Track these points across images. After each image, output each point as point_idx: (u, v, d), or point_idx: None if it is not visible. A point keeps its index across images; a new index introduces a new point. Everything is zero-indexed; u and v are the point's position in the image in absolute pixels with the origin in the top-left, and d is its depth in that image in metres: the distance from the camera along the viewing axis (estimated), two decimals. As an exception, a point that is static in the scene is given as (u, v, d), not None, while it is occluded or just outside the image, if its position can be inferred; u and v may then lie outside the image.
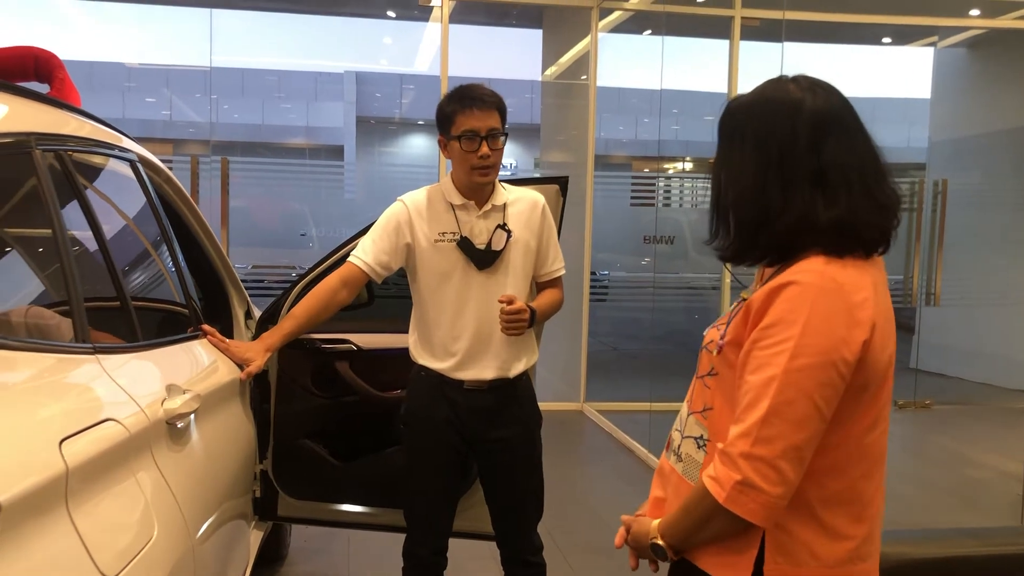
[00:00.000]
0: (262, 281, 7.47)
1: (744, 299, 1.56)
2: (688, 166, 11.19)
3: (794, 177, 1.48)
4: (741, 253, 1.58)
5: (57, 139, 1.91)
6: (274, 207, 8.02)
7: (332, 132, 18.20)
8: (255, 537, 3.02)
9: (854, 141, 1.52)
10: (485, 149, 2.58)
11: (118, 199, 2.46)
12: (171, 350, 2.29)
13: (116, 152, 2.31)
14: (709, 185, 1.65)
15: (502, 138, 2.62)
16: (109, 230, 2.11)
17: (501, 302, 2.56)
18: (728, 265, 1.65)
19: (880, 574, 1.58)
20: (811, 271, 1.44)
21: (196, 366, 2.41)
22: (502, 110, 2.63)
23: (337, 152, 17.75)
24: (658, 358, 7.60)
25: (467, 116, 2.56)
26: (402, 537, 2.96)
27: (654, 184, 9.17)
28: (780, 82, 1.56)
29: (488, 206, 2.69)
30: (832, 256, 1.46)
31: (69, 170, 1.89)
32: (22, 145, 1.72)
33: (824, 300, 1.42)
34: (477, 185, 2.65)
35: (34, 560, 1.22)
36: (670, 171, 10.54)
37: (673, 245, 7.73)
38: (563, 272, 2.84)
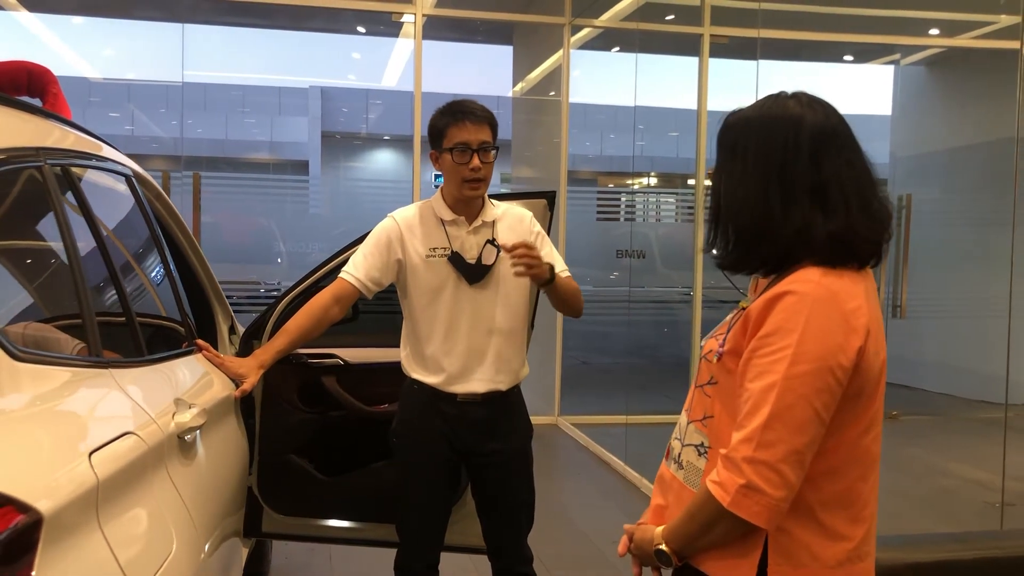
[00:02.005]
0: (231, 297, 7.40)
1: (743, 308, 1.61)
2: (653, 181, 11.30)
3: (795, 190, 1.53)
4: (739, 262, 1.63)
5: (61, 153, 1.91)
6: (240, 222, 7.97)
7: (296, 147, 18.08)
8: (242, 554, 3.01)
9: (852, 156, 1.58)
10: (476, 162, 2.61)
11: (114, 213, 2.46)
12: (171, 365, 2.29)
13: (113, 167, 2.32)
14: (675, 200, 1.71)
15: (493, 152, 2.66)
16: (108, 245, 2.10)
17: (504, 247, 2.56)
18: (725, 272, 1.69)
19: (873, 578, 1.62)
20: (807, 281, 1.49)
21: (196, 381, 2.41)
22: (493, 125, 2.67)
23: (302, 167, 17.64)
24: (629, 371, 7.66)
25: (459, 129, 2.60)
26: (385, 552, 2.96)
27: (619, 199, 9.25)
28: (780, 98, 1.62)
29: (478, 222, 2.72)
30: (827, 267, 1.52)
31: (75, 185, 1.90)
32: (32, 159, 1.73)
33: (820, 308, 1.47)
34: (468, 199, 2.68)
35: (73, 570, 1.23)
36: (635, 186, 10.64)
37: (643, 259, 7.81)
38: (568, 274, 2.80)
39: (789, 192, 1.53)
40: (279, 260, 8.08)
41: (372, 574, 3.93)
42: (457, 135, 2.61)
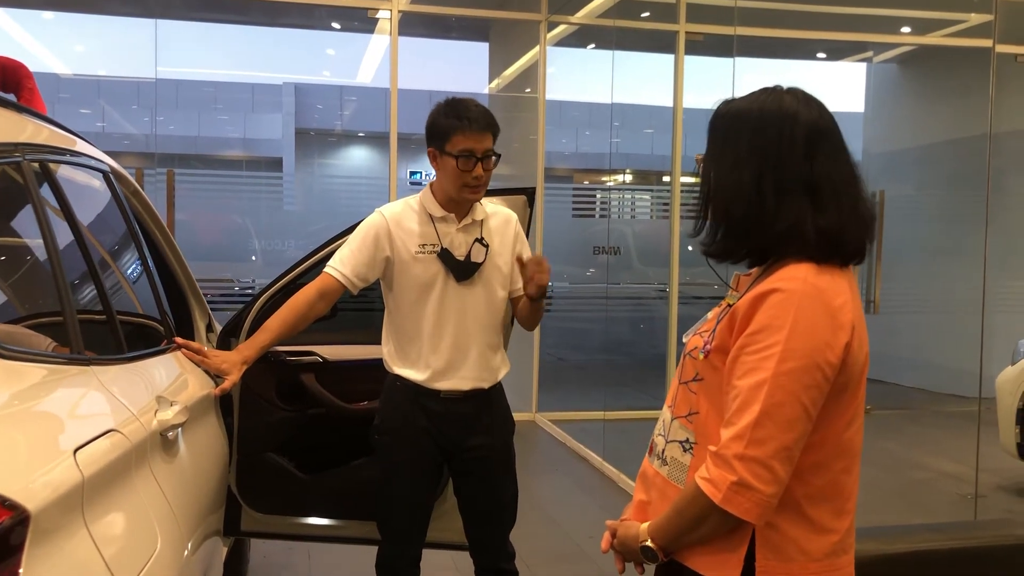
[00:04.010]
0: (205, 295, 7.33)
1: (729, 306, 1.62)
2: (629, 178, 11.35)
3: (789, 184, 1.54)
4: (728, 251, 1.63)
5: (40, 150, 1.89)
6: (214, 219, 7.92)
7: (270, 144, 17.98)
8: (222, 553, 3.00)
9: (842, 156, 1.59)
10: (480, 171, 2.61)
11: (92, 210, 2.44)
12: (152, 362, 2.28)
13: (91, 163, 2.30)
14: (650, 197, 1.71)
15: (494, 159, 2.66)
16: (87, 242, 2.08)
17: (521, 262, 2.65)
18: (710, 261, 1.70)
19: (855, 570, 1.64)
20: (793, 278, 1.51)
21: (175, 379, 2.40)
22: (495, 131, 2.67)
23: (275, 164, 17.54)
24: (605, 368, 7.69)
25: (465, 136, 2.59)
26: (364, 550, 2.96)
27: (594, 196, 9.27)
28: (775, 92, 1.62)
29: (468, 220, 2.73)
30: (812, 263, 1.53)
31: (55, 181, 1.88)
32: (10, 156, 1.71)
33: (808, 305, 1.48)
34: (465, 201, 2.69)
35: (60, 568, 1.22)
36: (610, 183, 10.66)
37: (619, 256, 7.84)
38: None
39: (783, 186, 1.54)
40: (253, 257, 8.02)
41: (351, 572, 3.93)
42: (462, 142, 2.60)
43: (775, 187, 1.54)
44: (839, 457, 1.57)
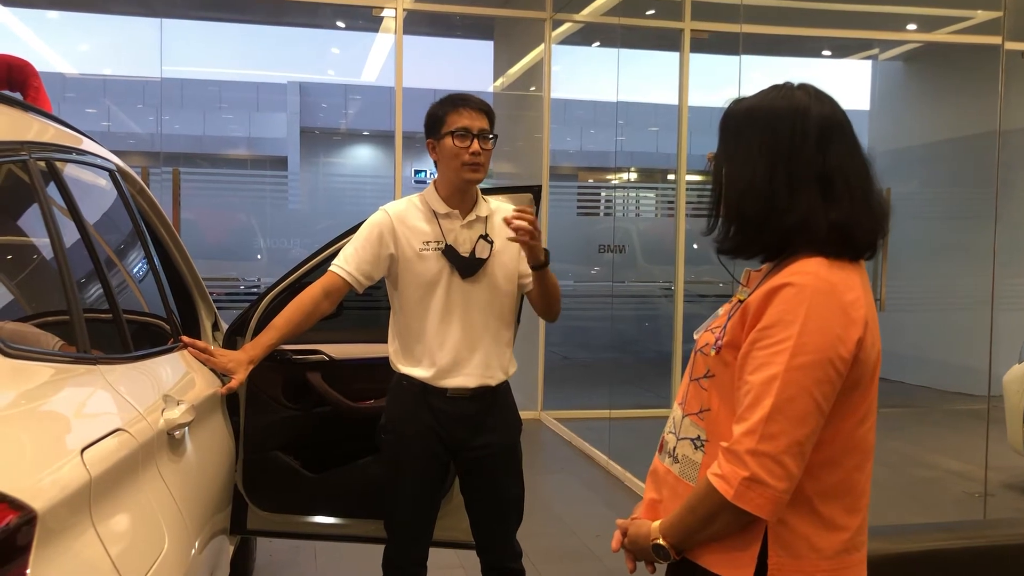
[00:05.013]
0: (210, 294, 7.33)
1: (740, 301, 1.61)
2: (634, 176, 11.33)
3: (802, 177, 1.53)
4: (741, 247, 1.62)
5: (46, 148, 1.89)
6: (219, 218, 7.93)
7: (275, 143, 18.01)
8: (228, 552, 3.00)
9: (855, 150, 1.58)
10: (477, 146, 2.63)
11: (98, 209, 2.44)
12: (158, 361, 2.28)
13: (97, 162, 2.30)
14: (655, 195, 1.70)
15: (492, 139, 2.67)
16: (93, 241, 2.08)
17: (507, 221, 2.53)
18: (721, 259, 1.69)
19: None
20: (806, 272, 1.50)
21: (182, 378, 2.40)
22: (491, 116, 2.70)
23: (280, 163, 17.57)
24: (611, 366, 7.68)
25: (459, 115, 2.64)
26: (371, 548, 2.95)
27: (599, 194, 9.27)
28: (787, 88, 1.62)
29: (472, 216, 2.73)
30: (825, 258, 1.52)
31: (61, 180, 1.88)
32: (17, 154, 1.71)
33: (820, 300, 1.47)
34: (466, 183, 2.68)
35: (67, 568, 1.22)
36: (614, 181, 10.65)
37: (624, 254, 7.84)
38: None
39: (796, 179, 1.53)
40: (259, 256, 8.04)
41: (358, 571, 3.92)
42: (457, 120, 2.64)
43: (788, 181, 1.53)
44: (851, 454, 1.57)
